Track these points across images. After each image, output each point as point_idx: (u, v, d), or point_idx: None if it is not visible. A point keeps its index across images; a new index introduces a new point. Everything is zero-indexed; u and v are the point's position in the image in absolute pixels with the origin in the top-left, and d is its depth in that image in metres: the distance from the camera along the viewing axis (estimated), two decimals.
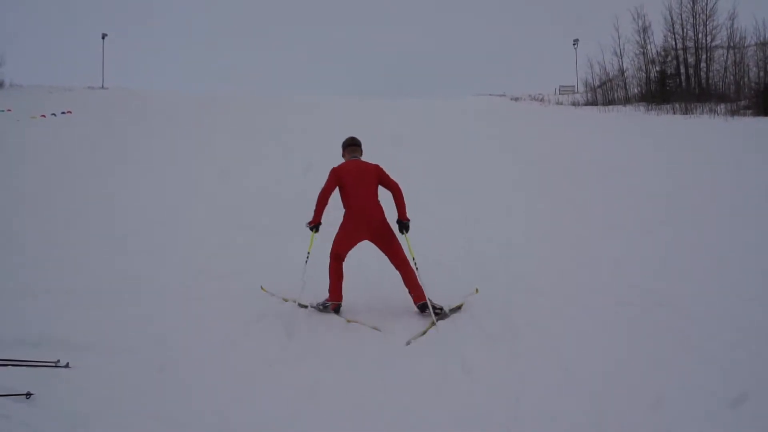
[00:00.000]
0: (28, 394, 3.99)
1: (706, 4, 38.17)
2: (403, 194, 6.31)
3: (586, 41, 55.24)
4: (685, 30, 39.20)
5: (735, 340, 5.52)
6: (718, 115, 29.04)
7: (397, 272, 6.19)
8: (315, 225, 6.14)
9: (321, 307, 6.15)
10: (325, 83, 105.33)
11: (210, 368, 4.75)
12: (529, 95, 46.57)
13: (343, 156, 6.51)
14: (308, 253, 6.24)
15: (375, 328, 5.72)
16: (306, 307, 6.12)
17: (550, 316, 6.19)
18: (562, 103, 42.67)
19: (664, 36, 40.60)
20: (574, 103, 42.21)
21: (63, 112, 29.62)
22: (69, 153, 17.48)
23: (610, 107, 37.61)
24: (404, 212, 6.30)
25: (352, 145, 6.52)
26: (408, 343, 5.42)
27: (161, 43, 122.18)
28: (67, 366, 4.54)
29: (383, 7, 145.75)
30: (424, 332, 5.65)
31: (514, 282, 7.13)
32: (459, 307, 6.21)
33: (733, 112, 29.30)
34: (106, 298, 6.25)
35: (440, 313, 5.97)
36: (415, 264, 6.16)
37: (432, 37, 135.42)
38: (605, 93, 42.84)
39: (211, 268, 7.57)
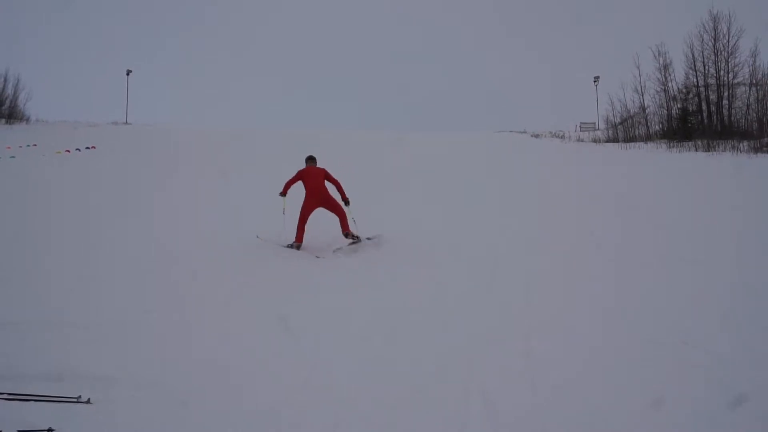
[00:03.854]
0: (50, 430, 3.97)
1: (728, 42, 38.05)
2: (342, 186, 11.03)
3: (606, 78, 55.31)
4: (706, 67, 39.05)
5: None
6: (741, 152, 28.76)
7: (337, 219, 10.76)
8: (283, 195, 10.91)
9: (290, 245, 10.56)
10: (343, 116, 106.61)
11: (233, 403, 4.71)
12: (550, 132, 46.55)
13: (306, 164, 11.42)
14: (284, 209, 10.90)
15: (318, 256, 10.25)
16: (288, 247, 10.56)
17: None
18: (582, 140, 42.52)
19: (686, 73, 40.37)
20: (595, 140, 42.02)
21: (87, 147, 30.03)
22: (93, 186, 17.72)
23: (632, 144, 37.44)
24: (344, 194, 11.04)
25: (311, 159, 11.57)
26: (334, 251, 10.46)
27: (184, 79, 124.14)
28: (88, 402, 4.53)
29: (402, 42, 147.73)
30: (348, 245, 10.57)
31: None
32: (370, 238, 10.77)
33: (757, 150, 28.99)
34: (130, 332, 6.26)
35: (357, 239, 10.68)
36: (354, 221, 10.81)
37: (451, 73, 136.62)
38: (626, 130, 42.69)
39: (233, 302, 7.58)
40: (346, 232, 10.67)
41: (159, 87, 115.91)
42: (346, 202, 10.96)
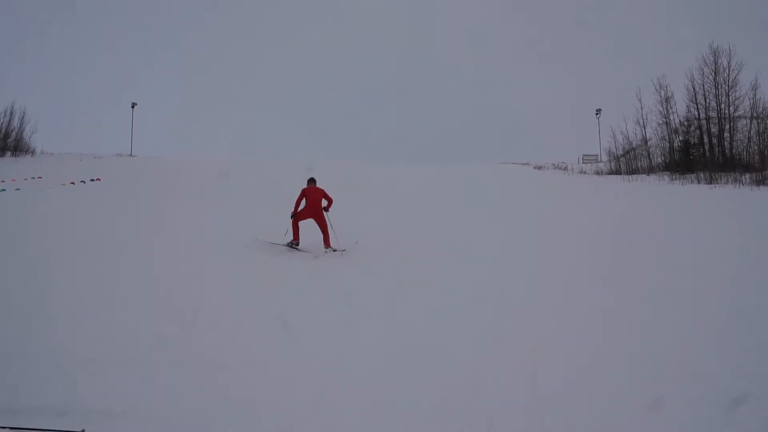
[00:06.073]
0: None
1: (729, 75, 38.45)
2: (333, 202, 14.07)
3: (608, 111, 55.74)
4: (707, 100, 39.42)
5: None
6: (743, 185, 28.87)
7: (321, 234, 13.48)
8: (293, 215, 13.65)
9: (289, 244, 13.57)
10: (338, 143, 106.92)
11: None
12: (553, 164, 46.85)
13: (307, 184, 14.25)
14: (287, 231, 13.69)
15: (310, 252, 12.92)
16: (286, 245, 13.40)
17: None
18: (585, 172, 42.76)
19: (687, 106, 40.79)
20: (598, 172, 42.29)
21: (92, 180, 30.20)
22: (97, 218, 17.78)
23: (634, 176, 37.61)
24: (328, 206, 13.93)
25: (312, 180, 14.39)
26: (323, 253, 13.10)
27: (189, 111, 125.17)
28: None
29: (409, 76, 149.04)
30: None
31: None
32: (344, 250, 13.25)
33: (759, 182, 29.07)
34: (136, 365, 6.22)
35: (335, 250, 13.15)
36: (331, 225, 13.57)
37: (455, 107, 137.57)
38: (629, 162, 42.92)
39: (238, 334, 7.57)
40: (327, 248, 13.38)
41: (160, 114, 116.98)
42: (326, 210, 13.97)
